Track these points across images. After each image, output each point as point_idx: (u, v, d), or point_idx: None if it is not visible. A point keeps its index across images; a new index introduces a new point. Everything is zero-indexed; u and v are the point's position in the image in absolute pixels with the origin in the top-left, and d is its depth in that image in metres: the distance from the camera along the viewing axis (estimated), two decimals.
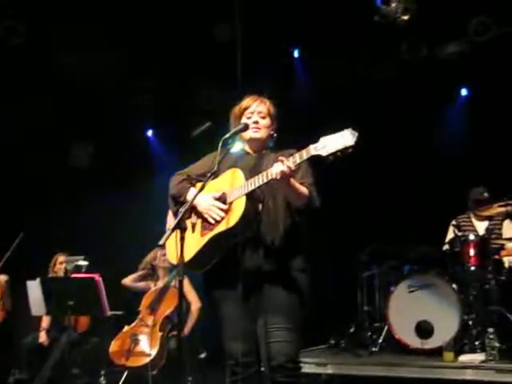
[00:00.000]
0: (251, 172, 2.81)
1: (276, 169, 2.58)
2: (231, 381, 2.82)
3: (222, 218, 2.74)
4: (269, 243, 2.78)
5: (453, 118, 6.60)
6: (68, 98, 6.75)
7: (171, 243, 2.76)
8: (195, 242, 2.81)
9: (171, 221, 2.87)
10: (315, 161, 2.60)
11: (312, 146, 2.54)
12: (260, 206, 2.79)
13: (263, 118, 3.00)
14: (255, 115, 2.99)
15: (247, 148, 3.06)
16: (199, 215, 2.84)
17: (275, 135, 3.07)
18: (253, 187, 2.69)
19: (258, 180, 2.68)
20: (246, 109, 3.02)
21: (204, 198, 2.81)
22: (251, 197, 2.73)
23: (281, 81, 6.48)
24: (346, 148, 2.47)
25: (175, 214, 2.93)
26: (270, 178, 2.63)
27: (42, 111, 6.60)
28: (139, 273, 5.46)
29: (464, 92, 6.85)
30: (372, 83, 6.64)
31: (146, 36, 6.32)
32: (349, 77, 6.80)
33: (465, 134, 6.32)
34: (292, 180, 2.67)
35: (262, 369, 2.91)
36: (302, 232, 2.91)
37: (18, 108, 6.39)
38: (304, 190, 2.76)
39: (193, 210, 2.84)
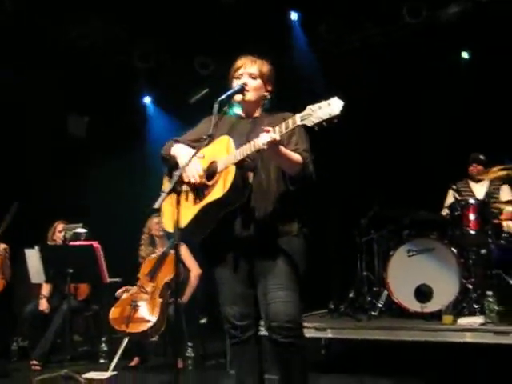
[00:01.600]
0: (245, 138, 2.76)
1: (262, 139, 2.53)
2: (230, 343, 2.86)
3: (210, 187, 2.72)
4: (261, 211, 2.76)
5: (453, 82, 6.50)
6: (65, 66, 6.67)
7: (165, 211, 2.78)
8: (188, 210, 2.78)
9: (166, 184, 2.84)
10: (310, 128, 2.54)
11: (298, 116, 2.49)
12: (251, 176, 2.75)
13: (254, 78, 2.91)
14: (245, 76, 2.90)
15: (240, 111, 3.00)
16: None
17: (269, 96, 2.98)
18: (241, 157, 2.66)
19: (247, 149, 2.64)
20: (236, 70, 2.94)
21: (186, 151, 2.78)
22: (241, 166, 2.70)
23: (278, 45, 6.36)
24: (332, 118, 2.41)
25: (167, 176, 2.92)
26: (256, 147, 2.59)
27: (40, 79, 6.55)
28: (143, 244, 5.43)
29: (465, 55, 6.73)
30: (372, 47, 6.54)
31: (145, 1, 6.21)
32: (349, 41, 6.72)
33: (465, 98, 6.23)
34: (282, 148, 2.62)
35: (261, 332, 2.93)
36: (297, 198, 2.86)
37: (16, 76, 6.32)
38: (297, 157, 2.70)
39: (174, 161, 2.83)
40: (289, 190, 2.78)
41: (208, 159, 2.79)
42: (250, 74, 2.91)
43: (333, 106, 2.40)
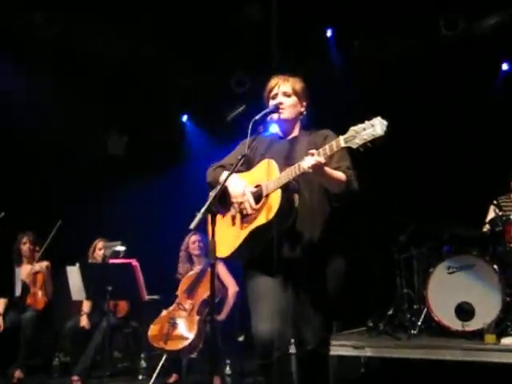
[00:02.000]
0: (285, 159, 2.80)
1: (307, 162, 2.56)
2: (260, 364, 2.78)
3: (256, 211, 2.74)
4: (307, 233, 2.78)
5: (494, 95, 6.39)
6: (105, 85, 6.82)
7: (217, 235, 2.73)
8: (235, 234, 2.83)
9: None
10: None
11: (342, 138, 2.51)
12: (296, 198, 2.77)
13: (288, 96, 2.94)
14: (280, 96, 2.94)
15: (278, 130, 3.02)
16: (230, 200, 2.83)
17: (305, 113, 3.01)
18: (286, 180, 2.68)
19: (291, 172, 2.66)
20: (270, 90, 2.98)
21: (238, 186, 2.79)
22: (286, 188, 2.71)
23: (314, 61, 6.38)
24: (376, 138, 2.42)
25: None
26: (301, 171, 2.61)
27: (80, 98, 6.70)
28: (181, 261, 5.47)
29: (505, 67, 6.61)
30: (409, 60, 6.48)
31: (180, 20, 6.32)
32: (385, 54, 6.67)
33: (507, 112, 6.10)
34: (326, 169, 2.64)
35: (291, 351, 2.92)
36: (342, 217, 2.88)
37: (56, 96, 6.49)
38: (341, 175, 2.72)
39: (228, 197, 2.83)
40: (333, 208, 2.81)
41: (253, 182, 2.83)
42: (284, 93, 2.95)
43: (376, 127, 2.42)
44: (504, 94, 6.30)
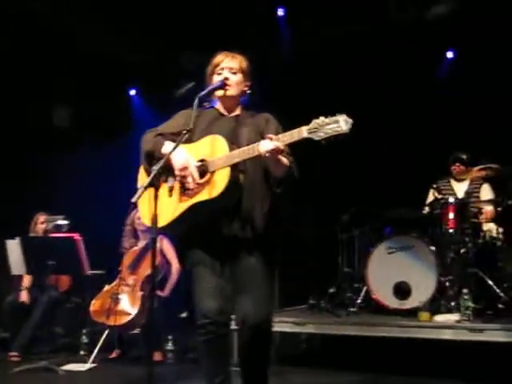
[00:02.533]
0: (229, 137, 2.77)
1: (264, 146, 2.56)
2: (204, 340, 2.78)
3: (199, 186, 2.71)
4: (248, 212, 2.78)
5: (438, 82, 6.55)
6: (51, 53, 6.63)
7: (144, 203, 2.74)
8: (173, 206, 2.77)
9: (144, 178, 2.83)
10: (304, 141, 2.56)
11: (304, 128, 2.51)
12: (241, 177, 2.76)
13: (234, 73, 2.93)
14: (226, 71, 2.92)
15: (219, 106, 3.01)
16: (174, 176, 2.77)
17: (248, 92, 3.00)
18: (238, 160, 2.66)
19: (244, 153, 2.64)
20: (216, 65, 2.95)
21: (182, 158, 2.73)
22: (234, 168, 2.70)
23: (264, 41, 6.37)
24: (339, 135, 2.45)
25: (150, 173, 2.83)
26: (256, 153, 2.61)
27: (23, 65, 6.51)
28: (126, 235, 5.42)
29: (450, 54, 6.77)
30: (358, 44, 6.55)
31: None
32: (334, 37, 6.72)
33: (449, 98, 6.27)
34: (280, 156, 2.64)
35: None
36: (281, 197, 2.87)
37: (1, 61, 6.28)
38: (286, 160, 2.72)
39: (168, 170, 2.76)
40: (273, 190, 2.80)
41: (196, 156, 2.78)
42: (230, 69, 2.93)
43: (341, 124, 2.45)
44: (448, 81, 6.46)
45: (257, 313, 2.75)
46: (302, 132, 2.51)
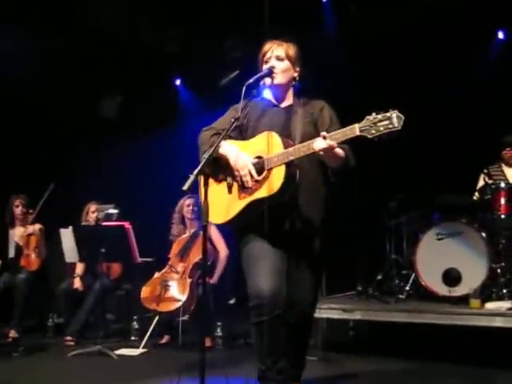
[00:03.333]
0: (282, 129, 2.82)
1: (319, 145, 2.59)
2: (256, 321, 2.79)
3: (257, 183, 2.76)
4: (304, 206, 2.84)
5: (487, 63, 6.36)
6: (97, 47, 6.76)
7: (212, 202, 2.71)
8: (232, 203, 2.84)
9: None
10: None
11: (357, 126, 2.53)
12: (298, 173, 2.78)
13: (281, 60, 2.93)
14: (273, 60, 2.93)
15: (270, 96, 3.02)
16: (231, 174, 2.84)
17: (298, 78, 3.00)
18: (293, 157, 2.69)
19: (299, 151, 2.67)
20: (264, 54, 2.97)
21: (241, 156, 2.80)
22: (290, 165, 2.73)
23: (308, 27, 6.32)
24: (392, 132, 2.46)
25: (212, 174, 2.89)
26: (311, 151, 2.63)
27: (71, 61, 6.65)
28: (175, 223, 5.51)
29: (501, 35, 6.57)
30: (401, 28, 6.43)
31: None
32: (382, 21, 6.61)
33: (499, 82, 6.09)
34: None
35: None
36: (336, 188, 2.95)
37: (48, 58, 6.43)
38: (341, 152, 2.73)
39: (226, 169, 2.84)
40: (330, 182, 2.86)
41: (253, 153, 2.83)
42: (277, 57, 2.94)
43: (393, 120, 2.47)
44: (499, 63, 6.28)
45: (308, 300, 2.89)
46: (355, 130, 2.52)
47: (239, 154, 2.81)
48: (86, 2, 6.33)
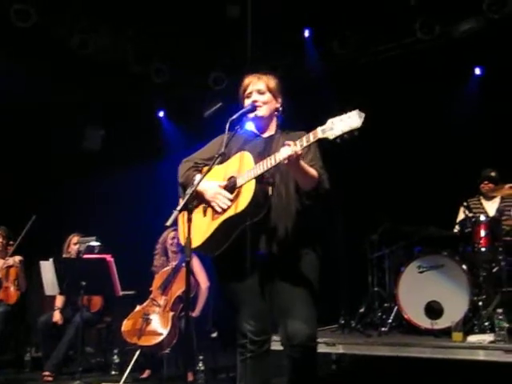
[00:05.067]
0: (260, 155, 2.80)
1: (283, 153, 2.58)
2: (243, 359, 2.83)
3: (231, 203, 2.75)
4: (282, 228, 2.79)
5: (466, 98, 6.51)
6: (80, 80, 6.78)
7: (182, 226, 2.82)
8: (206, 226, 2.83)
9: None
10: (323, 142, 2.58)
11: (319, 129, 2.52)
12: (270, 190, 2.78)
13: (262, 94, 2.96)
14: (254, 94, 2.96)
15: (253, 127, 3.04)
16: (207, 202, 2.85)
17: (280, 109, 3.02)
18: (261, 171, 2.68)
19: (266, 163, 2.67)
20: (245, 89, 3.00)
21: (210, 186, 2.82)
22: (260, 180, 2.72)
23: (291, 60, 6.43)
24: (353, 130, 2.45)
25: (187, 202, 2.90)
26: (277, 161, 2.62)
27: (55, 90, 6.66)
28: (157, 257, 5.48)
29: (478, 71, 6.73)
30: (384, 62, 6.58)
31: (156, 15, 6.33)
32: (361, 56, 6.75)
33: (478, 115, 6.22)
34: (302, 163, 2.66)
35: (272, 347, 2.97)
36: (315, 214, 2.92)
37: (33, 87, 6.43)
38: (314, 172, 2.74)
39: (200, 196, 2.84)
40: (306, 205, 2.83)
41: (226, 174, 2.85)
42: (258, 91, 2.97)
43: (354, 118, 2.44)
44: (476, 98, 6.42)
45: (304, 332, 2.74)
46: (317, 132, 2.53)
47: (207, 185, 2.82)
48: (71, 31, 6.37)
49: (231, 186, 2.80)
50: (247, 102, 2.97)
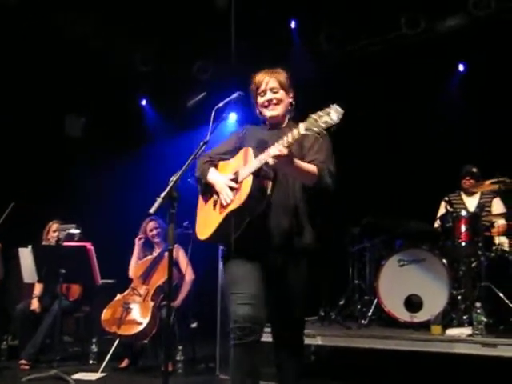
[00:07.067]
0: (265, 148, 2.81)
1: (271, 151, 2.62)
2: (234, 344, 2.78)
3: (234, 197, 2.81)
4: (283, 222, 2.84)
5: (449, 94, 6.56)
6: (63, 66, 6.69)
7: (200, 218, 2.94)
8: (214, 219, 2.90)
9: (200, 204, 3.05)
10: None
11: (301, 125, 2.55)
12: (269, 184, 2.80)
13: (276, 92, 3.00)
14: (268, 93, 3.00)
15: (268, 122, 3.08)
16: (217, 194, 2.93)
17: (293, 102, 3.06)
18: (256, 166, 2.72)
19: (261, 159, 2.71)
20: (258, 87, 3.03)
21: (220, 179, 2.91)
22: (258, 175, 2.76)
23: (276, 53, 6.40)
24: (330, 126, 2.48)
25: (202, 195, 3.05)
26: (267, 159, 2.65)
27: (36, 80, 6.56)
28: (137, 249, 5.43)
29: (461, 68, 6.78)
30: (369, 57, 6.59)
31: (141, 3, 6.26)
32: (346, 50, 6.76)
33: (460, 112, 6.27)
34: (296, 161, 2.69)
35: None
36: (317, 209, 2.95)
37: (13, 77, 6.34)
38: (312, 168, 2.78)
39: (213, 188, 2.95)
40: (310, 200, 2.89)
41: (233, 170, 2.91)
42: (271, 89, 3.00)
43: (332, 115, 2.46)
44: (459, 94, 6.47)
45: (297, 324, 2.92)
46: (300, 129, 2.55)
47: (217, 178, 2.93)
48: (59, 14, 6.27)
49: (235, 181, 2.87)
50: (261, 100, 3.02)
